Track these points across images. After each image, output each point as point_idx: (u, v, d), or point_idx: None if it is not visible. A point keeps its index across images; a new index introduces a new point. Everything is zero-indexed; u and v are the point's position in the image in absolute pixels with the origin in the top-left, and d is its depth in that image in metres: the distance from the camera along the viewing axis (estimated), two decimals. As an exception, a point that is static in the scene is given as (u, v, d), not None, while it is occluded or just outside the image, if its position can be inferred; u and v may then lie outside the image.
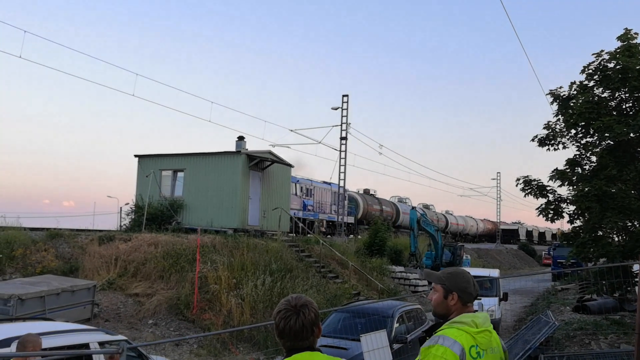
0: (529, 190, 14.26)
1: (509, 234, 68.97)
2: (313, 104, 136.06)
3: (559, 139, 14.26)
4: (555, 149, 14.36)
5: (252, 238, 18.54)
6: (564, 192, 14.16)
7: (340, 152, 29.48)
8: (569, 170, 13.88)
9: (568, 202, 13.80)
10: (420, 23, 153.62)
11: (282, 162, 23.03)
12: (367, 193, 39.62)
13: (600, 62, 13.14)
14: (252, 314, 13.86)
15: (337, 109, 29.60)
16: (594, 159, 13.79)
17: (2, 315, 9.72)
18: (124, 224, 21.34)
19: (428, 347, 2.45)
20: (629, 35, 12.88)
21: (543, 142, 14.44)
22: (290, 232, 24.32)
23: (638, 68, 12.23)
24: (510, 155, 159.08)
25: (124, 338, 6.42)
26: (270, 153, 22.64)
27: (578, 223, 13.87)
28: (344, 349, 8.70)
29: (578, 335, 13.66)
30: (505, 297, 16.04)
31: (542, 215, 13.97)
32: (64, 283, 11.99)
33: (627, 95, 13.10)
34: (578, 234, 13.69)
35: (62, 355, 5.53)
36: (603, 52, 13.13)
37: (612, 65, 12.86)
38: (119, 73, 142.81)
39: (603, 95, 13.38)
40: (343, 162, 29.42)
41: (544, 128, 14.48)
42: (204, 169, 21.07)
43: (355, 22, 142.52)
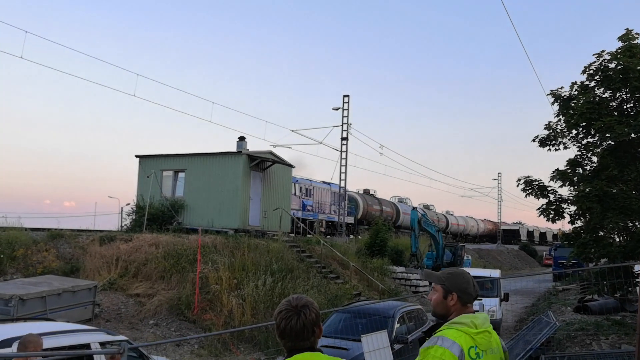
0: (530, 191, 14.25)
1: (510, 235, 68.93)
2: (314, 105, 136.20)
3: (560, 140, 14.25)
4: (556, 150, 14.37)
5: (253, 238, 18.54)
6: (565, 192, 14.16)
7: (341, 152, 29.48)
8: (570, 171, 13.87)
9: (569, 202, 13.79)
10: (421, 23, 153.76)
11: (283, 162, 23.03)
12: (367, 193, 39.49)
13: (601, 62, 13.13)
14: (253, 315, 13.87)
15: (338, 109, 29.60)
16: (595, 160, 13.78)
17: (3, 316, 9.74)
18: (125, 225, 21.36)
19: (427, 348, 2.44)
20: (630, 36, 12.87)
21: (544, 142, 14.43)
22: (291, 232, 24.33)
23: (639, 68, 12.22)
24: (511, 156, 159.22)
25: (125, 338, 6.42)
26: (271, 153, 22.64)
27: (579, 223, 13.85)
28: (345, 350, 8.70)
29: (579, 336, 13.65)
30: (506, 297, 16.02)
31: (543, 216, 13.96)
32: (65, 283, 12.01)
33: (628, 96, 13.09)
34: (579, 235, 13.68)
35: (63, 356, 5.53)
36: (604, 52, 13.12)
37: (613, 66, 12.84)
38: (120, 73, 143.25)
39: (604, 96, 13.36)
40: (344, 162, 29.42)
41: (545, 128, 14.49)
42: (205, 170, 21.07)
43: (356, 22, 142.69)
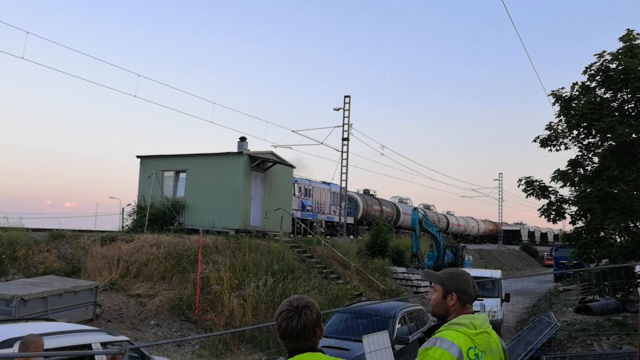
0: (531, 191, 14.23)
1: (511, 235, 68.84)
2: (315, 105, 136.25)
3: (561, 140, 14.23)
4: (557, 150, 14.35)
5: (254, 239, 18.56)
6: (566, 193, 14.14)
7: (342, 153, 29.46)
8: (571, 171, 13.85)
9: (570, 203, 13.77)
10: (422, 24, 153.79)
11: (284, 162, 23.03)
12: (366, 193, 39.38)
13: (602, 62, 13.11)
14: (254, 315, 13.88)
15: (339, 110, 29.60)
16: (596, 160, 13.76)
17: (4, 316, 9.75)
18: (126, 225, 21.39)
19: (425, 349, 2.43)
20: (631, 36, 12.85)
21: (545, 143, 14.42)
22: (292, 233, 24.33)
23: (640, 69, 12.22)
24: (512, 156, 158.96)
25: (126, 339, 6.43)
26: (272, 154, 22.64)
27: (580, 224, 13.84)
28: (346, 350, 8.71)
29: (580, 336, 13.64)
30: (508, 298, 16.01)
31: (544, 216, 13.94)
32: (67, 284, 12.02)
33: (629, 96, 13.07)
34: (580, 235, 13.67)
35: (64, 356, 5.55)
36: (605, 52, 13.11)
37: (614, 66, 12.83)
38: (121, 74, 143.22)
39: (605, 96, 13.34)
40: (345, 163, 29.40)
41: (546, 129, 14.47)
42: (206, 170, 21.08)
43: (357, 22, 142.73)
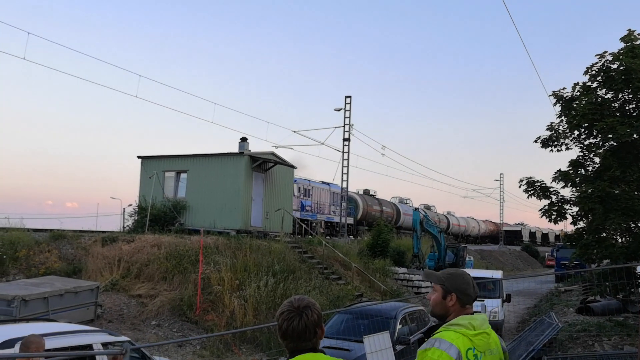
0: (532, 192, 14.24)
1: (512, 235, 68.78)
2: (316, 105, 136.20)
3: (562, 140, 14.25)
4: (559, 150, 14.36)
5: (254, 239, 18.55)
6: (567, 193, 14.15)
7: (343, 153, 29.47)
8: (572, 172, 13.85)
9: (571, 203, 13.77)
10: (423, 24, 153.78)
11: (284, 163, 23.03)
12: (367, 193, 39.32)
13: (604, 63, 13.12)
14: (255, 315, 13.88)
15: (339, 110, 29.61)
16: (597, 160, 13.76)
17: (5, 316, 9.75)
18: (127, 225, 21.39)
19: (424, 350, 2.42)
20: (632, 37, 12.86)
21: (546, 143, 14.42)
22: (293, 233, 24.32)
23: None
24: (514, 157, 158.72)
25: (127, 339, 6.43)
26: (273, 154, 22.65)
27: (581, 224, 13.84)
28: (347, 350, 8.70)
29: (581, 337, 13.64)
30: (509, 298, 15.99)
31: (545, 217, 13.95)
32: (67, 284, 12.02)
33: (630, 96, 13.07)
34: (581, 236, 13.66)
35: (65, 356, 5.55)
36: (606, 53, 13.12)
37: (615, 67, 12.83)
38: (122, 74, 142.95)
39: (606, 97, 13.35)
40: (346, 163, 29.42)
41: (547, 129, 14.48)
42: (207, 170, 21.09)
43: (358, 23, 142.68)
